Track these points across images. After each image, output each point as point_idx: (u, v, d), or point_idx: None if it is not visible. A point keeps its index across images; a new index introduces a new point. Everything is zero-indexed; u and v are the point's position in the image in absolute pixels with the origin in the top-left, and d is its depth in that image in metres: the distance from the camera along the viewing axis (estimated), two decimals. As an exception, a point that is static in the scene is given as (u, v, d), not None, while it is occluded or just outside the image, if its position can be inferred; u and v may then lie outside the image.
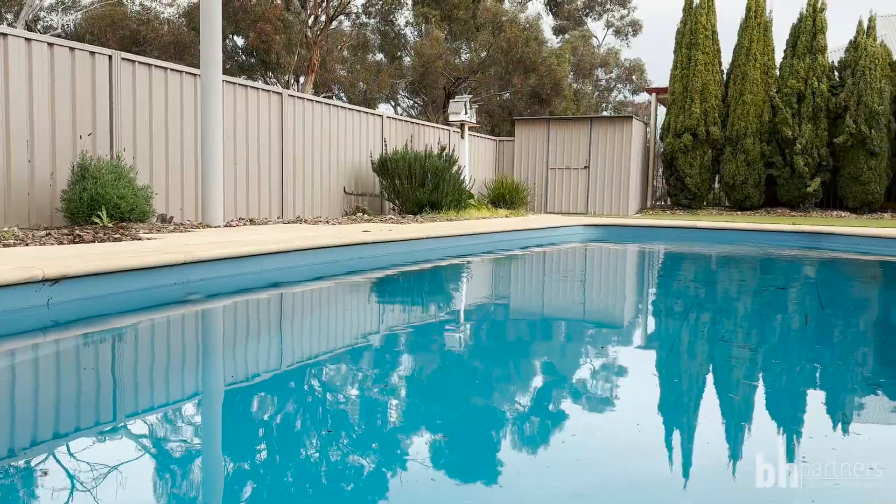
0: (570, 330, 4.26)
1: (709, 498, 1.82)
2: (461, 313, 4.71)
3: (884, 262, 8.43)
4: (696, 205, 16.47)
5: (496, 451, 2.14)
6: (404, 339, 3.74)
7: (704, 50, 15.86)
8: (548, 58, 29.25)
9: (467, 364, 3.28)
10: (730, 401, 2.67)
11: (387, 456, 2.05)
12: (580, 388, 2.87)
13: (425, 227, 8.44)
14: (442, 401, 2.64)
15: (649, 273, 8.08)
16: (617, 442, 2.21)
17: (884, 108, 14.42)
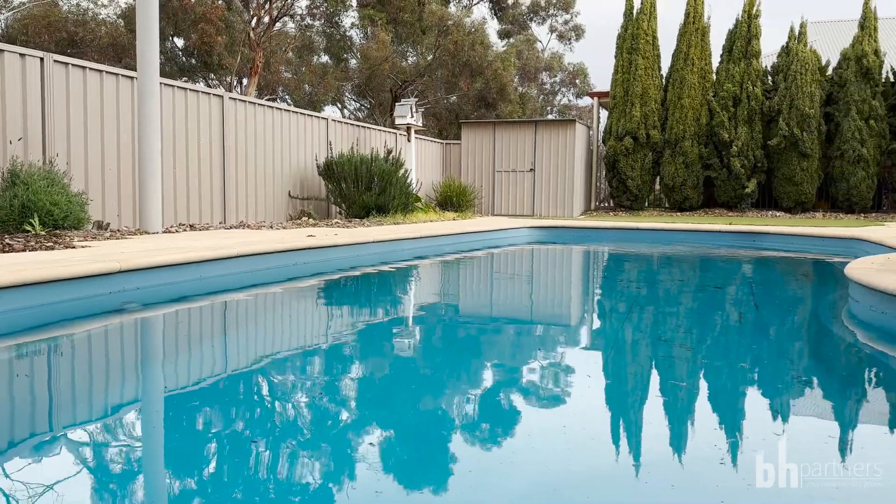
0: (512, 332, 4.31)
1: (645, 492, 1.88)
2: (405, 318, 4.72)
3: (815, 260, 8.78)
4: (637, 206, 16.84)
5: (439, 454, 2.16)
6: (346, 345, 3.73)
7: (645, 55, 16.24)
8: (493, 62, 29.48)
9: (408, 368, 3.30)
10: (665, 397, 2.75)
11: (328, 461, 2.05)
12: (521, 390, 2.91)
13: (371, 231, 8.42)
14: (383, 404, 2.65)
15: (591, 274, 8.24)
16: (553, 440, 2.25)
17: (814, 111, 15.00)
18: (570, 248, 10.79)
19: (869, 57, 14.75)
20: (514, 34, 38.59)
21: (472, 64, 28.82)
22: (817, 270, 8.00)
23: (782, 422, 2.50)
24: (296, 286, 5.85)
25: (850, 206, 15.30)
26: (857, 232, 9.23)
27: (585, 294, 6.40)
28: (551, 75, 41.00)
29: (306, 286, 5.91)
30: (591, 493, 1.88)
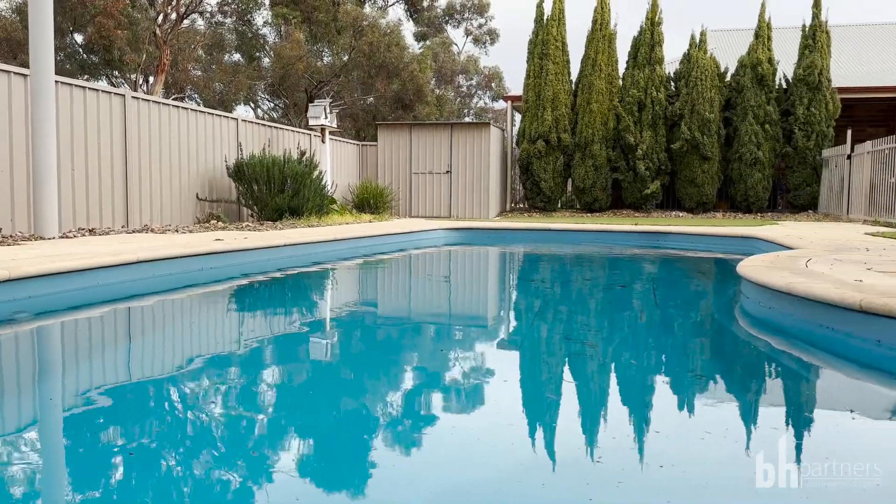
0: (424, 334, 4.34)
1: (551, 490, 1.93)
2: (313, 323, 4.67)
3: (714, 258, 9.22)
4: (550, 207, 17.23)
5: (346, 461, 2.15)
6: (248, 353, 3.66)
7: (555, 60, 16.64)
8: (410, 63, 29.53)
9: (319, 373, 3.27)
10: (566, 393, 2.83)
11: (226, 473, 2.01)
12: (432, 391, 2.94)
13: (284, 233, 8.28)
14: (290, 411, 2.62)
15: (502, 275, 8.37)
16: (462, 440, 2.29)
17: (714, 115, 15.77)
18: (484, 249, 10.93)
19: (763, 65, 15.63)
20: (431, 36, 38.76)
21: (389, 65, 28.77)
22: (715, 268, 8.41)
23: (672, 410, 2.63)
24: (201, 292, 5.69)
25: (747, 206, 16.16)
26: (752, 231, 9.75)
27: (496, 294, 6.50)
28: (468, 78, 41.41)
29: (212, 292, 5.75)
30: (500, 490, 1.92)
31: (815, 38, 15.62)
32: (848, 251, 6.25)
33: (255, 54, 31.55)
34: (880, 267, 4.88)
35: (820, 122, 15.41)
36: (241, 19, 31.37)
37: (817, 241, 7.59)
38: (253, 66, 31.09)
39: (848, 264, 5.00)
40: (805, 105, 15.47)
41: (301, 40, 28.76)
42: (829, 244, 7.11)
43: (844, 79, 16.71)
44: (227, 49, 31.25)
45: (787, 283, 3.90)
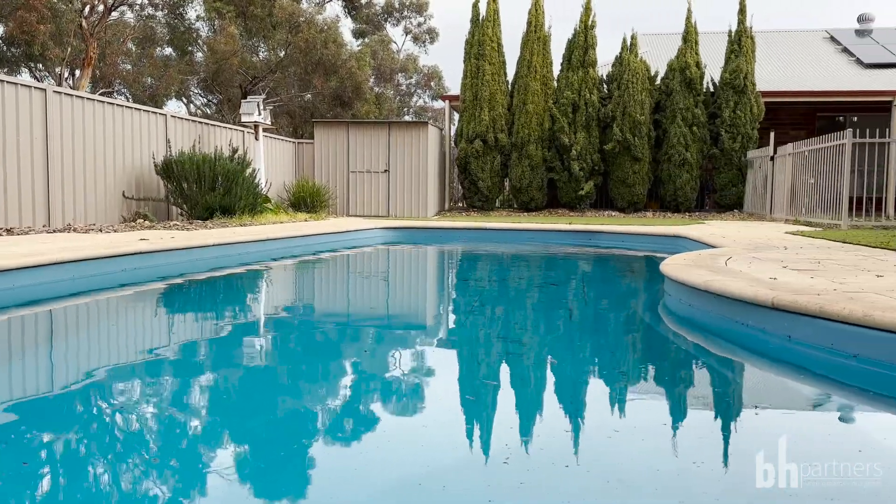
0: (353, 334, 4.31)
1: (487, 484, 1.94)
2: (240, 325, 4.59)
3: (643, 256, 9.47)
4: (489, 206, 17.37)
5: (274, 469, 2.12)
6: (167, 358, 3.57)
7: (491, 61, 16.77)
8: (348, 60, 29.27)
9: (239, 376, 3.21)
10: (493, 390, 2.86)
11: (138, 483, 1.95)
12: (362, 391, 2.92)
13: (213, 233, 8.10)
14: (207, 417, 2.56)
15: (437, 273, 8.40)
16: (390, 439, 2.28)
17: (645, 118, 16.17)
18: (420, 248, 10.94)
19: (691, 68, 16.11)
20: (369, 34, 38.53)
21: (326, 62, 28.47)
22: (642, 266, 8.63)
23: (585, 407, 2.69)
24: (124, 294, 5.51)
25: (676, 205, 16.64)
26: (679, 230, 10.05)
27: (428, 294, 6.51)
28: (407, 76, 41.37)
29: (136, 293, 5.58)
30: (431, 488, 1.92)
31: (740, 43, 16.20)
32: (767, 250, 6.51)
33: (187, 48, 30.75)
34: (795, 265, 5.09)
35: (745, 124, 16.00)
36: (172, 12, 30.52)
37: (739, 240, 7.88)
38: (185, 60, 30.30)
39: (765, 262, 5.21)
40: (731, 108, 16.03)
41: (235, 35, 28.18)
42: (749, 243, 7.39)
43: (768, 83, 17.38)
44: (159, 43, 30.34)
45: (704, 281, 4.04)
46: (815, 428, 2.55)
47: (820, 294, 3.38)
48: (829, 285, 3.81)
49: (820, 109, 18.02)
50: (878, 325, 2.83)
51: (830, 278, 4.18)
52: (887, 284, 3.90)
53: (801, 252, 6.30)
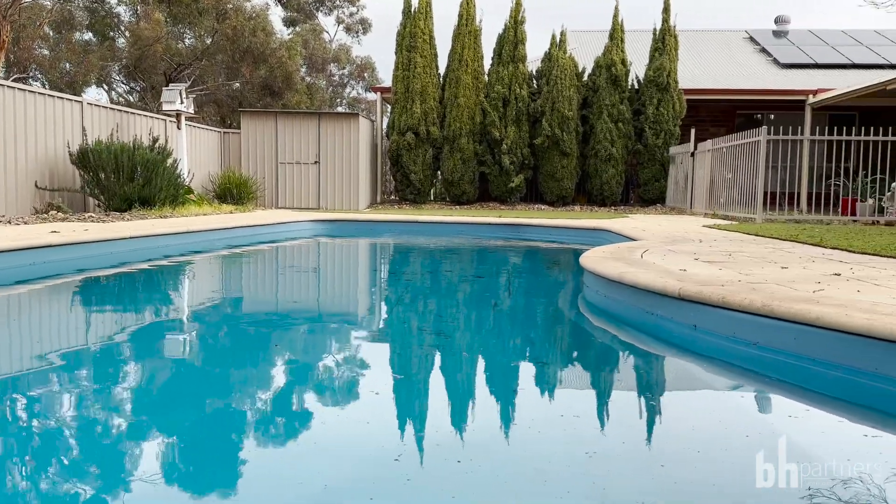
0: (272, 329, 4.24)
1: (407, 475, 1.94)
2: (154, 322, 4.45)
3: (568, 249, 9.66)
4: (421, 199, 17.36)
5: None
6: (77, 354, 3.44)
7: (423, 53, 16.75)
8: (278, 49, 28.72)
9: (150, 375, 3.11)
10: (416, 382, 2.87)
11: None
12: (265, 392, 2.88)
13: (130, 225, 7.82)
14: (109, 419, 2.48)
15: (363, 266, 8.35)
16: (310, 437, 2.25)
17: (573, 113, 16.46)
18: (350, 241, 10.86)
19: (617, 66, 16.49)
20: (301, 22, 37.92)
21: (255, 51, 27.86)
22: (565, 259, 8.79)
23: (493, 399, 2.73)
24: (30, 289, 5.26)
25: (603, 199, 17.02)
26: (602, 223, 10.30)
27: (353, 287, 6.48)
28: (340, 67, 40.91)
29: (43, 288, 5.34)
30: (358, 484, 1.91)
31: (664, 42, 16.67)
32: (682, 242, 6.74)
33: (108, 34, 29.56)
34: (707, 257, 5.29)
35: (668, 121, 16.48)
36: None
37: (658, 233, 8.12)
38: (106, 46, 29.11)
39: (679, 255, 5.39)
40: (655, 105, 16.48)
41: (160, 21, 27.27)
42: (667, 236, 7.64)
43: (691, 81, 17.95)
44: (78, 27, 29.04)
45: (618, 272, 4.15)
46: (714, 414, 2.67)
47: (724, 285, 3.52)
48: (735, 276, 3.97)
49: (739, 107, 18.73)
50: (776, 314, 2.96)
51: (738, 270, 4.36)
52: (790, 276, 4.10)
53: (715, 244, 6.55)
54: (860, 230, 9.19)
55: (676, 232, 8.52)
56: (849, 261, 5.10)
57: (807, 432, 2.44)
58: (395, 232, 11.46)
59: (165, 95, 11.87)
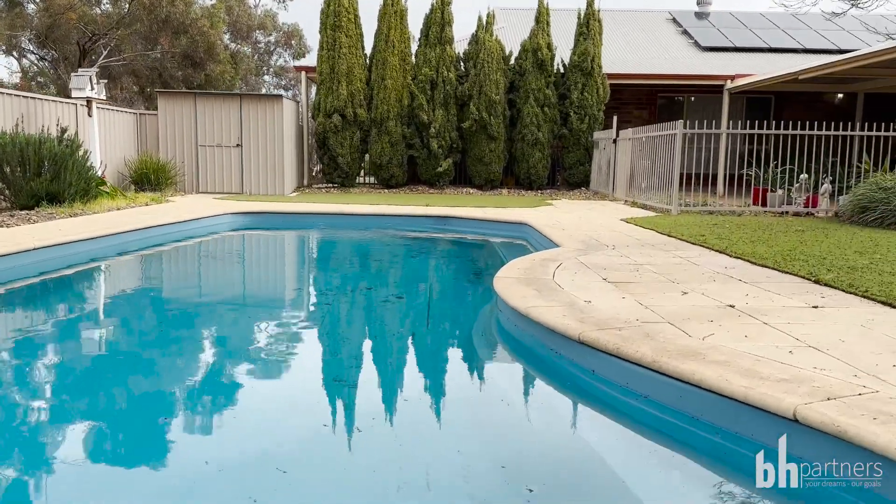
0: (165, 343, 4.16)
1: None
2: (44, 341, 4.30)
3: (491, 247, 9.77)
4: (349, 183, 17.17)
5: None
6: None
7: (348, 33, 16.41)
8: (199, 19, 27.63)
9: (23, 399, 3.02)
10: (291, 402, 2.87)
11: None
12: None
13: (26, 232, 7.46)
14: None
15: (275, 268, 8.25)
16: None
17: (500, 97, 16.50)
18: (269, 235, 10.67)
19: (543, 50, 16.56)
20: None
21: (174, 21, 26.74)
22: (491, 263, 8.65)
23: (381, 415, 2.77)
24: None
25: (530, 183, 17.21)
26: (525, 216, 10.45)
27: (256, 296, 6.39)
28: (265, 34, 39.74)
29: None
30: None
31: (588, 26, 16.81)
32: (596, 251, 6.90)
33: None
34: (615, 274, 5.45)
35: (592, 105, 16.72)
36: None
37: (575, 234, 8.28)
38: (15, 12, 27.38)
39: (590, 273, 5.53)
40: (579, 90, 16.68)
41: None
42: (584, 239, 7.80)
43: (615, 65, 18.21)
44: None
45: (525, 307, 4.23)
46: (590, 467, 2.78)
47: (621, 329, 3.65)
48: (635, 311, 4.11)
49: (661, 91, 19.17)
50: (664, 371, 3.09)
51: (641, 297, 4.52)
52: (687, 307, 4.27)
53: (626, 253, 6.74)
54: (767, 225, 9.61)
55: (593, 231, 8.72)
56: (747, 279, 5.34)
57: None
58: (316, 226, 11.31)
59: (74, 82, 11.29)
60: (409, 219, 11.35)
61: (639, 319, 3.90)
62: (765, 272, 5.69)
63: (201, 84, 31.43)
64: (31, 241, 6.75)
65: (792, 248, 7.04)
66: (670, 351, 3.23)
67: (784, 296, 4.69)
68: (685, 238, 7.99)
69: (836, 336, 3.61)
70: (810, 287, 5.02)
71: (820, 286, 5.07)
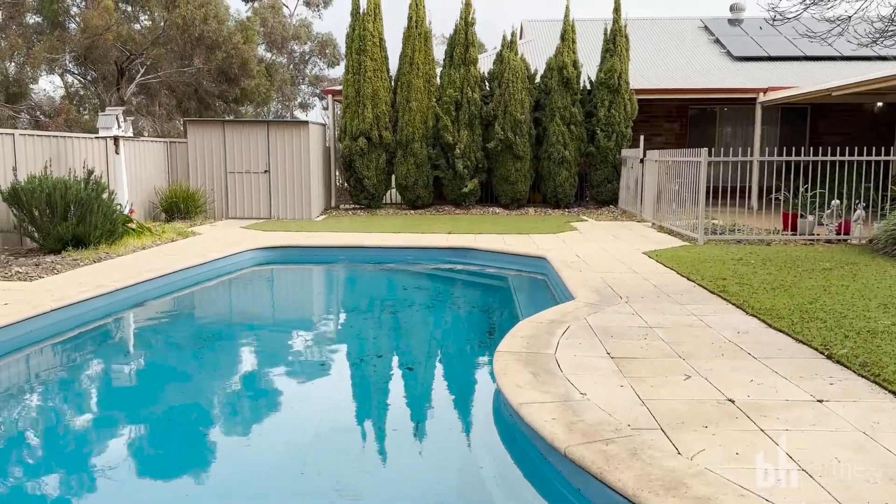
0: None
1: None
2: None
3: (515, 286, 9.70)
4: (375, 204, 17.24)
5: None
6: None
7: (373, 57, 16.45)
8: (232, 35, 28.07)
9: None
10: None
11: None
12: None
13: (43, 288, 7.64)
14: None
15: (278, 318, 8.29)
16: None
17: (525, 116, 16.36)
18: (284, 273, 10.75)
19: (568, 68, 16.36)
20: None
21: (207, 39, 27.20)
22: (505, 317, 8.10)
23: None
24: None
25: (557, 201, 17.04)
26: (545, 247, 10.41)
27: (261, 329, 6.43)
28: (300, 44, 40.19)
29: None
30: None
31: (615, 42, 16.55)
32: (608, 304, 6.75)
33: (59, 19, 28.51)
34: (621, 347, 5.32)
35: (619, 123, 16.46)
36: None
37: (590, 278, 8.12)
38: (55, 35, 28.13)
39: (595, 343, 5.42)
40: (606, 107, 16.43)
41: (110, 8, 26.39)
42: (598, 287, 7.64)
43: (643, 78, 17.90)
44: (28, 9, 28.03)
45: (517, 403, 4.16)
46: None
47: (608, 443, 3.54)
48: (628, 411, 4.00)
49: (692, 103, 18.77)
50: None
51: (640, 383, 4.40)
52: (685, 400, 4.15)
53: (638, 310, 6.59)
54: (794, 260, 9.32)
55: (611, 272, 8.57)
56: (757, 353, 5.17)
57: None
58: (335, 259, 11.41)
59: (101, 121, 11.53)
60: (428, 251, 11.34)
61: (630, 426, 3.80)
62: (777, 342, 5.50)
63: (237, 98, 31.92)
64: (49, 301, 6.90)
65: (813, 300, 6.81)
66: (653, 481, 3.13)
67: (790, 381, 4.52)
68: (704, 284, 7.79)
69: (833, 452, 3.46)
70: (820, 366, 4.84)
71: (832, 364, 4.88)
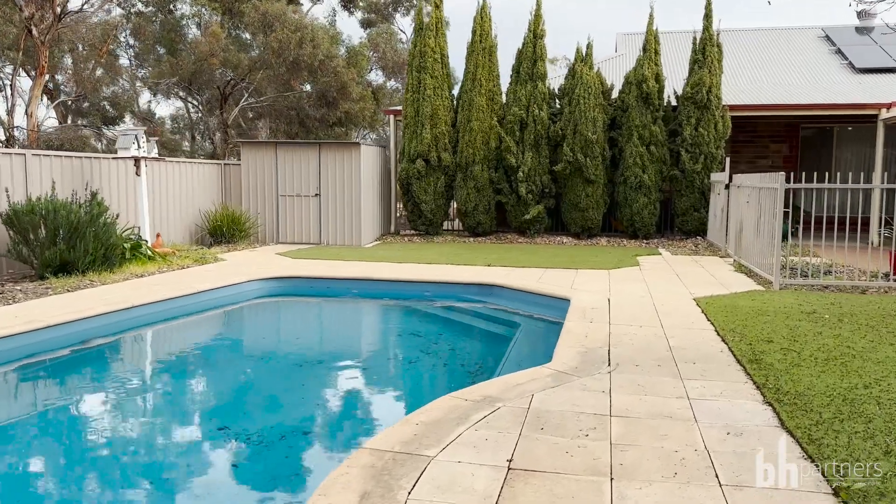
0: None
1: None
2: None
3: (536, 323, 8.14)
4: (433, 231, 16.04)
5: None
6: None
7: (433, 74, 15.35)
8: (331, 59, 28.11)
9: None
10: None
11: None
12: None
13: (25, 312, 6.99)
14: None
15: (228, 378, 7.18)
16: None
17: (597, 136, 14.60)
18: (275, 306, 9.72)
19: (649, 82, 14.45)
20: (377, 24, 37.73)
21: (302, 63, 27.35)
22: (465, 380, 7.26)
23: None
24: None
25: (634, 231, 15.07)
26: (581, 286, 8.68)
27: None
28: (411, 67, 40.10)
29: None
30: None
31: (704, 52, 14.46)
32: (582, 377, 5.09)
33: (176, 48, 29.90)
34: (548, 443, 3.74)
35: (708, 143, 14.31)
36: (161, 9, 30.02)
37: (613, 322, 6.42)
38: (165, 61, 29.46)
39: (500, 449, 3.86)
40: (693, 125, 14.35)
41: (219, 34, 27.23)
42: (594, 346, 5.95)
43: (743, 94, 15.60)
44: (150, 38, 29.68)
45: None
46: None
47: None
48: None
49: (804, 121, 16.17)
50: None
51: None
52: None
53: (619, 385, 4.89)
54: (882, 318, 7.09)
55: (632, 324, 6.80)
56: (728, 479, 3.42)
57: None
58: (346, 293, 10.24)
59: (120, 142, 11.10)
60: (448, 286, 9.96)
61: None
62: (775, 454, 3.68)
63: (340, 121, 32.04)
64: None
65: (874, 382, 4.82)
66: None
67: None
68: (738, 348, 5.90)
69: None
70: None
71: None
